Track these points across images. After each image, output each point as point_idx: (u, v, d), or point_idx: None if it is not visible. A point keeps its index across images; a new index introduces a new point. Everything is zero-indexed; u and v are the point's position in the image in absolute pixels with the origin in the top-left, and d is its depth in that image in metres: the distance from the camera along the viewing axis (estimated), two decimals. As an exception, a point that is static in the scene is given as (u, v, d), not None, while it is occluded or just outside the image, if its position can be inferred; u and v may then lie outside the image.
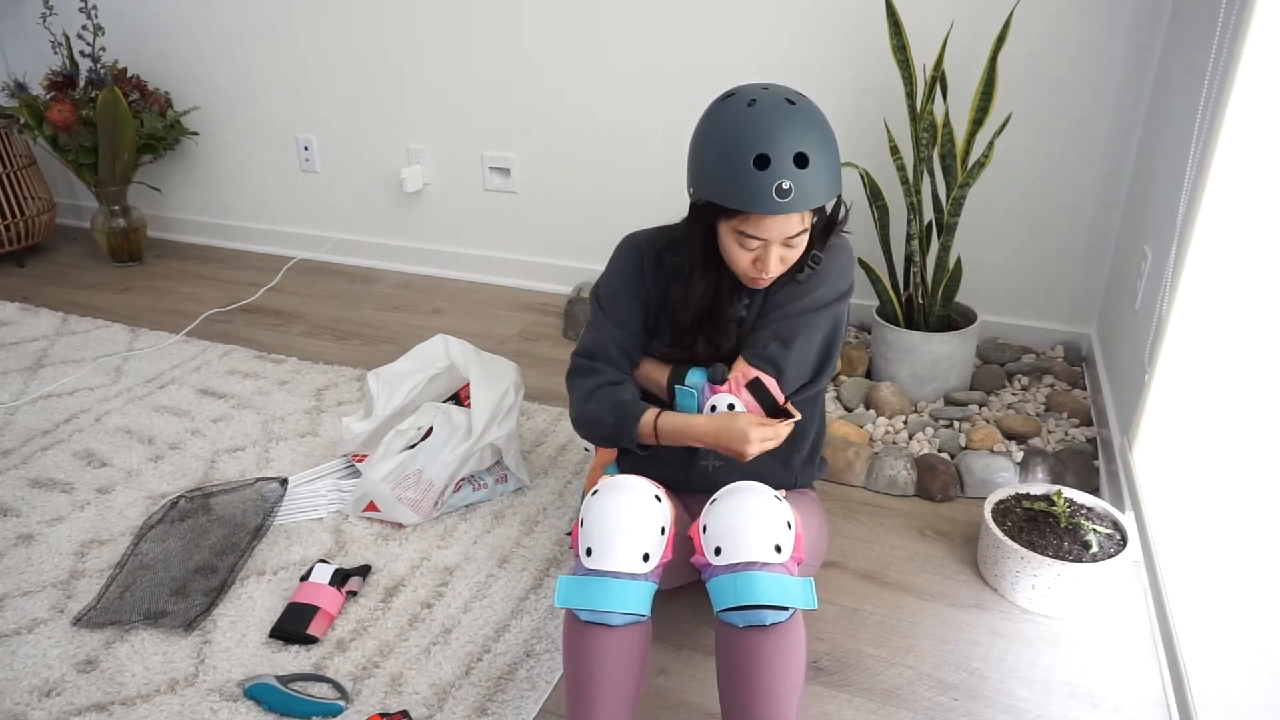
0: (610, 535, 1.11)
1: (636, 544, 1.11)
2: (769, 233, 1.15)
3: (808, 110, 1.13)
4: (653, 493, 1.16)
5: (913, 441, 1.89)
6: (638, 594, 1.11)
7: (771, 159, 1.09)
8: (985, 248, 2.26)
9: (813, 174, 1.11)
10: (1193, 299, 1.41)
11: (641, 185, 2.57)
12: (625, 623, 1.10)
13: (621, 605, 1.09)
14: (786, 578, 1.10)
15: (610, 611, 1.09)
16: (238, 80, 2.97)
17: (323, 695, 1.31)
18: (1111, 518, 1.53)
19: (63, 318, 2.62)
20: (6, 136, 2.93)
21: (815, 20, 2.21)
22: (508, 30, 2.54)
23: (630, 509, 1.13)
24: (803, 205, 1.12)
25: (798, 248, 1.20)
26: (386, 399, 1.76)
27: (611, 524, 1.12)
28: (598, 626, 1.10)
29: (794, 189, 1.10)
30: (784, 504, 1.15)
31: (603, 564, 1.10)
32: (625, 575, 1.10)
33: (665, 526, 1.15)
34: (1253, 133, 1.29)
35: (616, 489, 1.15)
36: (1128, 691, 1.31)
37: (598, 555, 1.11)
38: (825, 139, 1.13)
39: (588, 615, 1.10)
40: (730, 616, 1.10)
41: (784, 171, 1.10)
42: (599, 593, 1.09)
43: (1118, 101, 2.04)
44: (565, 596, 1.11)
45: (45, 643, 1.42)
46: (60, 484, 1.83)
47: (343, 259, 3.10)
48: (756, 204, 1.11)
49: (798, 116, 1.12)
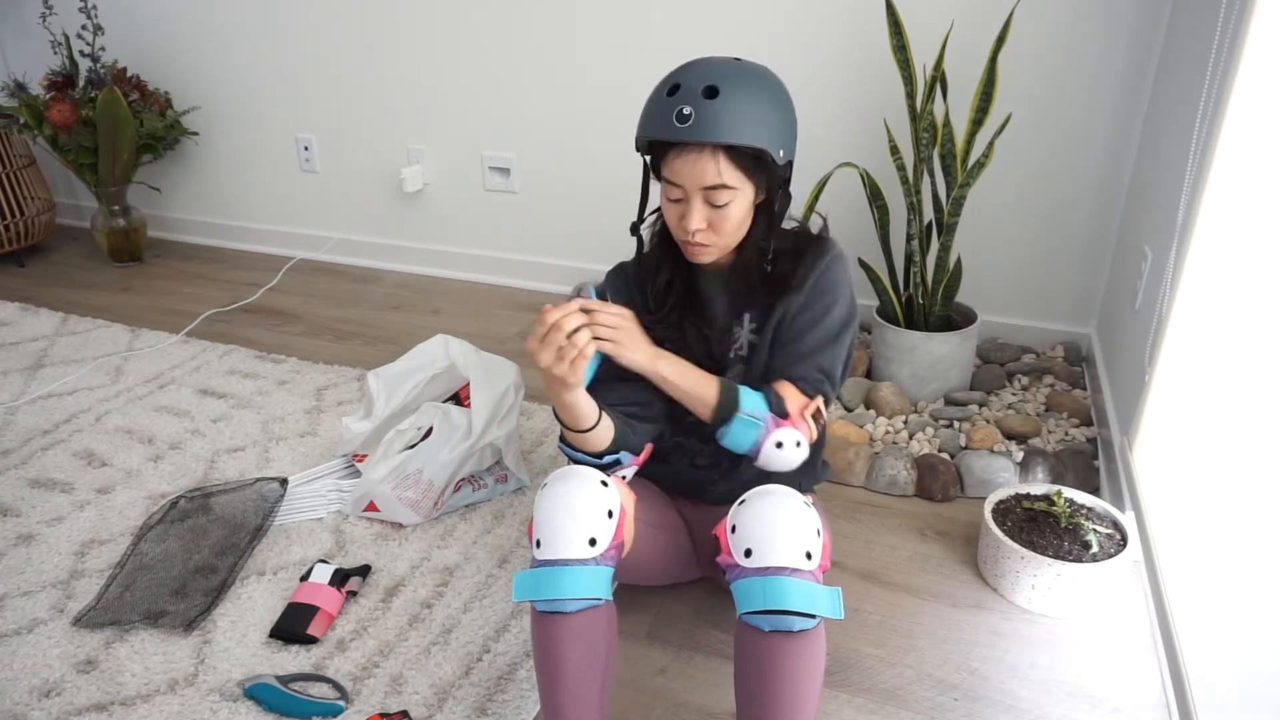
0: (557, 525, 1.12)
1: (582, 530, 1.12)
2: (680, 175, 1.12)
3: (749, 66, 1.12)
4: (598, 479, 1.17)
5: (913, 441, 1.89)
6: (589, 579, 1.12)
7: (681, 86, 1.09)
8: (985, 248, 2.26)
9: (720, 106, 1.07)
10: (1193, 299, 1.41)
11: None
12: (580, 608, 1.12)
13: (573, 591, 1.11)
14: (815, 585, 1.10)
15: (563, 599, 1.11)
16: (238, 80, 2.97)
17: (323, 695, 1.31)
18: (1111, 518, 1.53)
19: (63, 318, 2.62)
20: (6, 136, 2.93)
21: (815, 20, 2.21)
22: (508, 30, 2.54)
23: (574, 497, 1.14)
24: (702, 133, 1.07)
25: (726, 215, 1.15)
26: (386, 399, 1.76)
27: (557, 513, 1.13)
28: (554, 615, 1.12)
29: (694, 115, 1.07)
30: (813, 510, 1.15)
31: (551, 554, 1.12)
32: (574, 562, 1.12)
33: (613, 510, 1.16)
34: (1253, 133, 1.29)
35: (561, 479, 1.16)
36: (1128, 691, 1.31)
37: (546, 546, 1.13)
38: (756, 89, 1.10)
39: (543, 605, 1.12)
40: (755, 620, 1.10)
41: (688, 98, 1.08)
42: (550, 582, 1.11)
43: (1118, 101, 2.04)
44: (520, 590, 1.13)
45: (45, 643, 1.42)
46: (60, 484, 1.83)
47: (343, 259, 3.10)
48: (656, 127, 1.11)
49: (729, 64, 1.11)
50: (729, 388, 1.22)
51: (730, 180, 1.12)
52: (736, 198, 1.14)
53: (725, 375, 1.30)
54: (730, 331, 1.30)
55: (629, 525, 1.20)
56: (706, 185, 1.12)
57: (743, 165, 1.12)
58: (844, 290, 1.25)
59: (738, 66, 1.12)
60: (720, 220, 1.15)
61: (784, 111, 1.13)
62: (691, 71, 1.11)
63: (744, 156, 1.11)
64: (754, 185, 1.15)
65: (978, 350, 2.22)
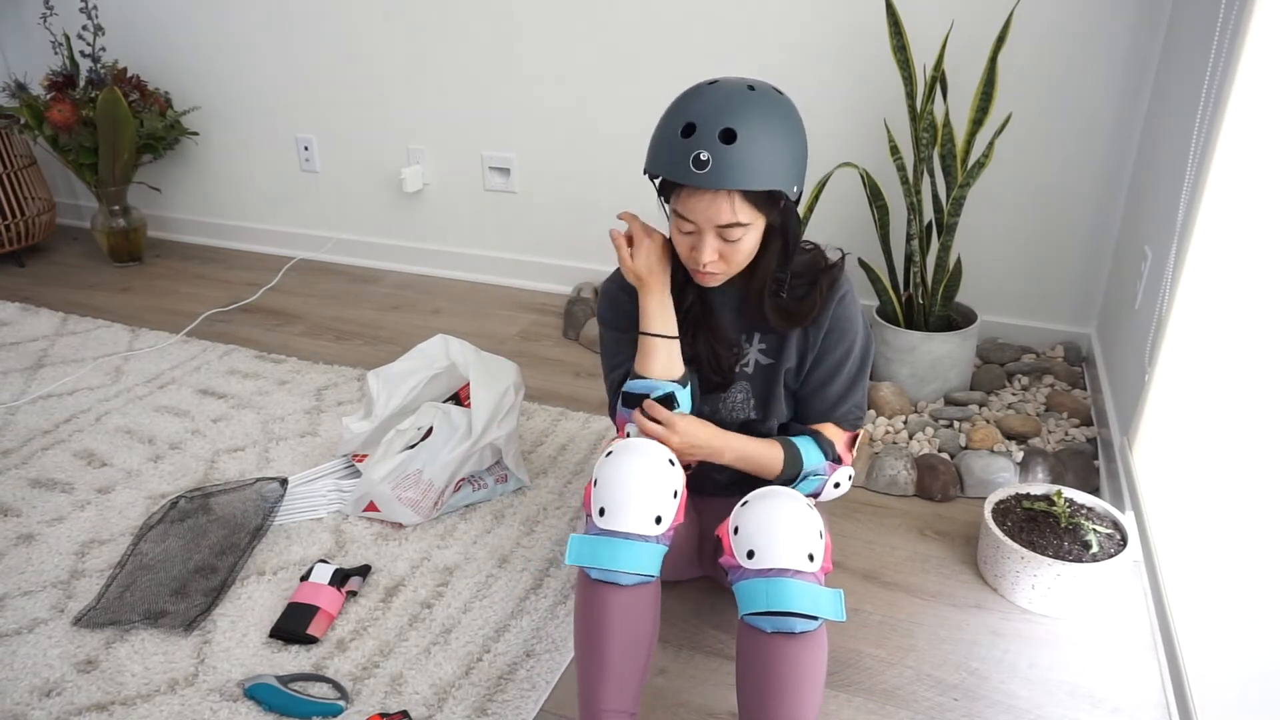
0: (623, 496, 1.12)
1: (649, 506, 1.12)
2: (694, 213, 1.12)
3: (764, 97, 1.09)
4: (666, 456, 1.17)
5: (913, 441, 1.89)
6: (649, 555, 1.12)
7: (697, 127, 1.07)
8: (985, 248, 2.26)
9: (738, 152, 1.06)
10: (1193, 299, 1.41)
11: (641, 185, 2.57)
12: (635, 583, 1.11)
13: (632, 565, 1.10)
14: (818, 587, 1.10)
15: (621, 571, 1.10)
16: (238, 80, 2.97)
17: (323, 695, 1.31)
18: (1111, 518, 1.53)
19: (63, 318, 2.62)
20: (6, 136, 2.93)
21: (815, 21, 2.21)
22: (508, 30, 2.54)
23: (643, 471, 1.13)
24: (720, 181, 1.07)
25: (739, 248, 1.16)
26: (386, 399, 1.76)
27: (625, 485, 1.12)
28: (607, 585, 1.11)
29: (712, 162, 1.06)
30: (815, 512, 1.15)
31: (615, 524, 1.11)
32: (636, 536, 1.11)
33: (678, 490, 1.16)
34: (1253, 133, 1.29)
35: (631, 451, 1.16)
36: (1128, 691, 1.31)
37: (610, 515, 1.12)
38: (772, 128, 1.08)
39: (598, 574, 1.11)
40: (758, 621, 1.10)
41: (706, 142, 1.06)
42: (609, 552, 1.11)
43: (1118, 101, 2.04)
44: (576, 554, 1.12)
45: (45, 643, 1.42)
46: (60, 484, 1.83)
47: (343, 259, 3.10)
48: (672, 169, 1.10)
49: (745, 98, 1.08)
50: (790, 449, 1.30)
51: (744, 218, 1.13)
52: (749, 231, 1.15)
53: (731, 390, 1.34)
54: (739, 346, 1.32)
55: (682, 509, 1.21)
56: (721, 224, 1.13)
57: (756, 202, 1.13)
58: (859, 325, 1.30)
59: (753, 101, 1.09)
60: (732, 252, 1.17)
61: (798, 146, 1.13)
62: (706, 106, 1.08)
63: (759, 196, 1.12)
64: (766, 217, 1.17)
65: (978, 350, 2.22)
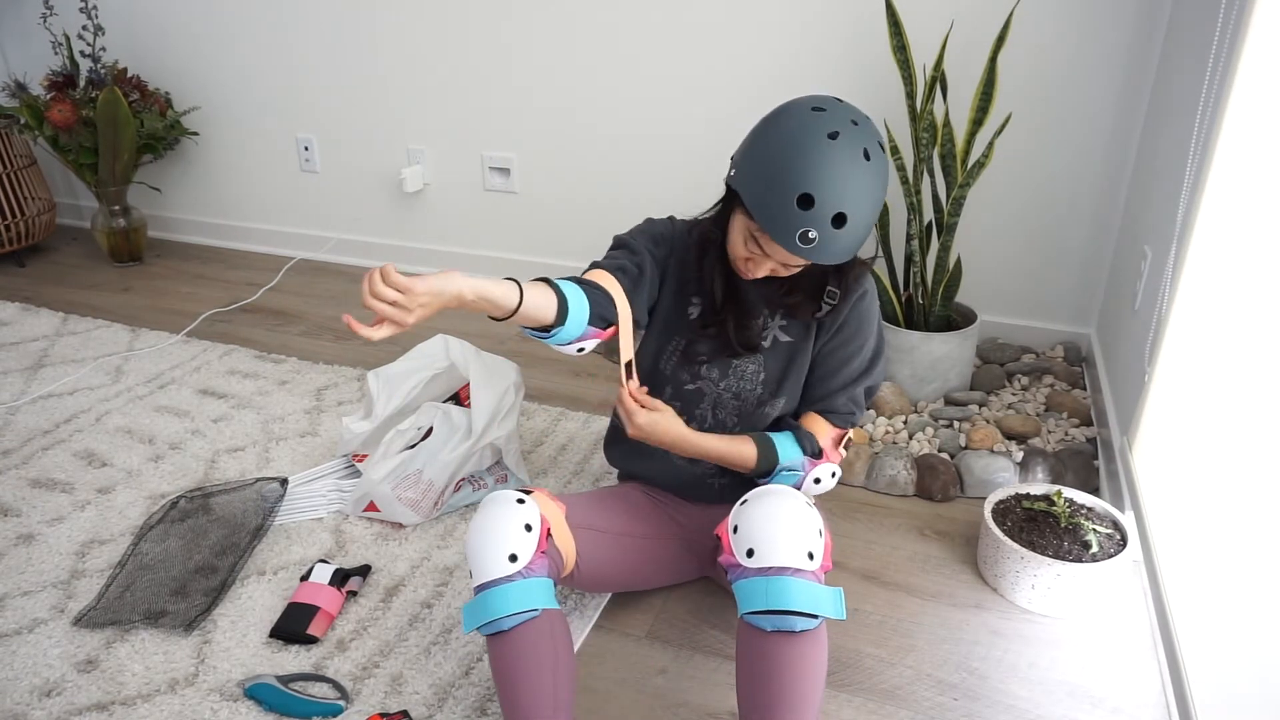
0: (478, 550, 1.18)
1: (500, 549, 1.17)
2: (776, 254, 1.15)
3: (876, 170, 1.10)
4: (513, 498, 1.22)
5: (913, 441, 1.89)
6: (519, 593, 1.15)
7: (815, 204, 1.07)
8: (985, 248, 2.26)
9: (844, 236, 1.10)
10: (1193, 299, 1.41)
11: (642, 185, 2.57)
12: (516, 623, 1.15)
13: (504, 609, 1.14)
14: (818, 586, 1.10)
15: (499, 618, 1.14)
16: (238, 80, 2.97)
17: (323, 695, 1.31)
18: (1111, 518, 1.53)
19: (63, 318, 2.62)
20: (6, 136, 2.93)
21: (815, 20, 2.20)
22: (508, 30, 2.54)
23: (490, 521, 1.19)
24: (819, 258, 1.12)
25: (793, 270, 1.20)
26: (386, 399, 1.76)
27: (478, 541, 1.18)
28: (496, 636, 1.16)
29: (818, 242, 1.09)
30: (815, 510, 1.16)
31: (480, 578, 1.17)
32: (500, 580, 1.16)
33: (531, 524, 1.19)
34: (1253, 133, 1.29)
35: (481, 510, 1.22)
36: (1128, 691, 1.31)
37: (476, 573, 1.18)
38: (876, 204, 1.12)
39: (486, 629, 1.16)
40: (757, 620, 1.10)
41: (818, 222, 1.08)
42: (484, 606, 1.16)
43: (1118, 102, 2.04)
44: (468, 622, 1.17)
45: (45, 642, 1.42)
46: (60, 484, 1.83)
47: (343, 259, 3.10)
48: (777, 234, 1.10)
49: (862, 175, 1.08)
50: (765, 445, 1.31)
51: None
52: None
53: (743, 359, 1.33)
54: (760, 320, 1.33)
55: (561, 535, 1.24)
56: (793, 263, 1.17)
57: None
58: (874, 327, 1.33)
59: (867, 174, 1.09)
60: (785, 272, 1.21)
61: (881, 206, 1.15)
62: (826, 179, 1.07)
63: None
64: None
65: (977, 350, 2.22)
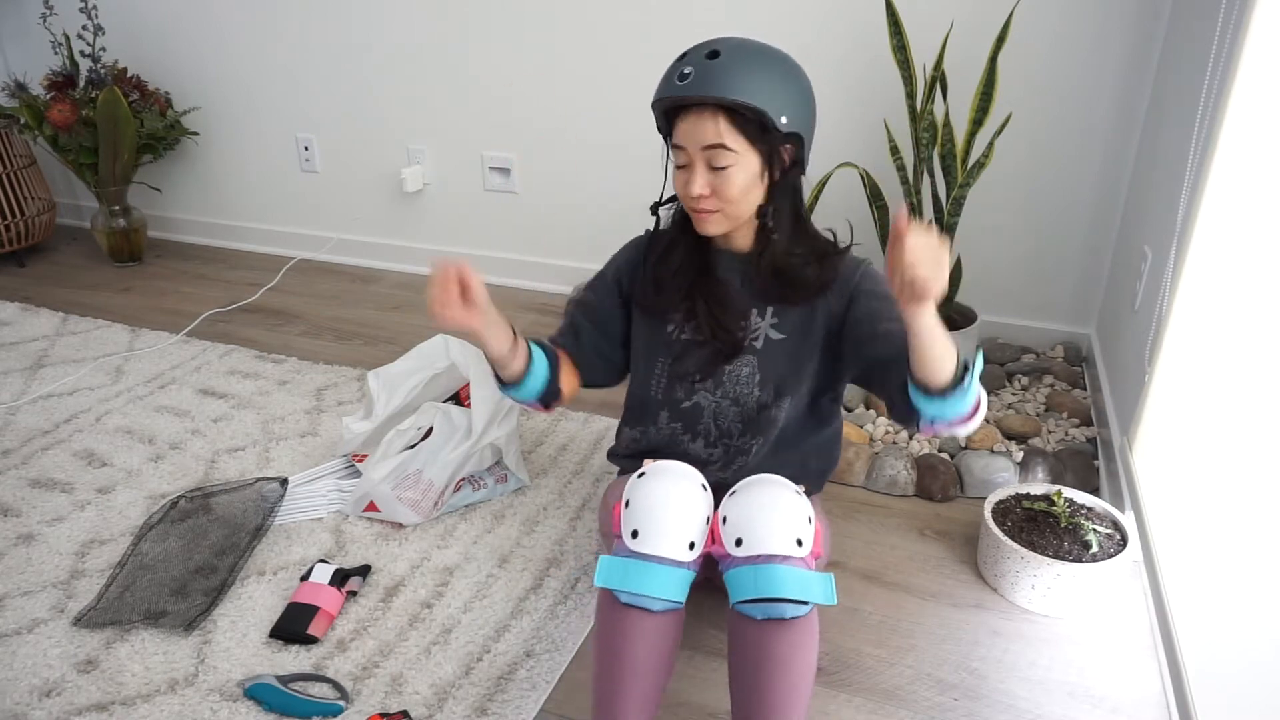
0: (658, 520, 1.11)
1: (684, 532, 1.11)
2: (683, 137, 1.16)
3: (763, 44, 1.16)
4: (699, 481, 1.17)
5: (913, 441, 1.89)
6: (679, 581, 1.11)
7: (688, 54, 1.14)
8: (985, 248, 2.26)
9: (719, 66, 1.11)
10: (1193, 299, 1.41)
11: (642, 185, 2.57)
12: (664, 609, 1.10)
13: (663, 591, 1.09)
14: (807, 572, 1.10)
15: (652, 596, 1.09)
16: (238, 80, 2.97)
17: (323, 695, 1.31)
18: (1111, 518, 1.53)
19: (63, 318, 2.62)
20: (6, 136, 2.93)
21: (815, 20, 2.21)
22: (508, 30, 2.54)
23: (679, 496, 1.13)
24: (697, 88, 1.11)
25: (729, 180, 1.15)
26: (386, 399, 1.76)
27: (660, 509, 1.11)
28: (636, 610, 1.09)
29: (693, 73, 1.12)
30: (804, 498, 1.16)
31: (649, 548, 1.10)
32: (670, 561, 1.10)
33: (709, 516, 1.15)
34: (1253, 133, 1.29)
35: (666, 474, 1.15)
36: (1128, 691, 1.31)
37: (644, 538, 1.10)
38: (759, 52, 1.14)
39: (628, 598, 1.09)
40: (748, 609, 1.10)
41: (691, 59, 1.13)
42: (641, 576, 1.09)
43: (1118, 101, 2.04)
44: (606, 576, 1.10)
45: (45, 643, 1.42)
46: (60, 484, 1.83)
47: (343, 259, 3.10)
48: (660, 90, 1.16)
49: (743, 39, 1.15)
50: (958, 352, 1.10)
51: (730, 142, 1.14)
52: (738, 162, 1.15)
53: (736, 363, 1.29)
54: (746, 318, 1.30)
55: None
56: (706, 145, 1.14)
57: (744, 129, 1.14)
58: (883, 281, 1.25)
59: (750, 40, 1.16)
60: (723, 186, 1.17)
61: (789, 81, 1.15)
62: (703, 44, 1.15)
63: (746, 122, 1.13)
64: (758, 154, 1.16)
65: (977, 350, 2.21)
